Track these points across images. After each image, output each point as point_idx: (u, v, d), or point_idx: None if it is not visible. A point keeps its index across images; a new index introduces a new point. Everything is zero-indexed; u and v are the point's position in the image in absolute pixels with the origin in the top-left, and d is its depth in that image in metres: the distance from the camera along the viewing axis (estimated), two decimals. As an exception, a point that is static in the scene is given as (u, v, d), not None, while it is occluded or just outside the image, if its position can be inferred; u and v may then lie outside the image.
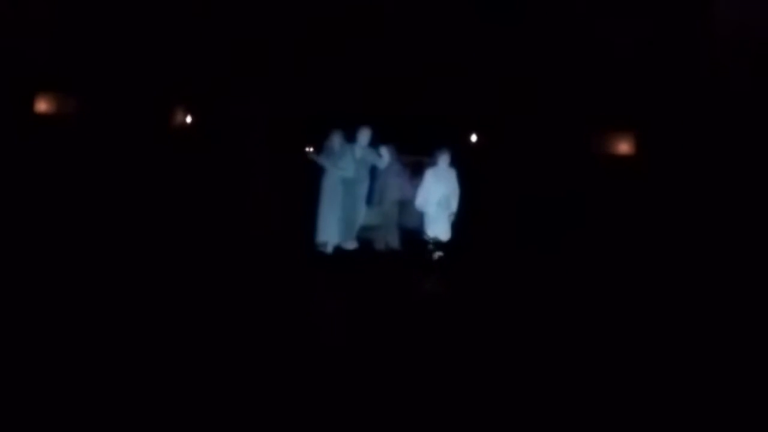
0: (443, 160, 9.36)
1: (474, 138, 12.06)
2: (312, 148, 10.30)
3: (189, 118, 11.18)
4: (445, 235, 9.25)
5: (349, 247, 9.45)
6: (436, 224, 9.26)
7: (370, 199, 9.72)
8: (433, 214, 9.26)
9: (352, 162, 9.39)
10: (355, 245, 9.49)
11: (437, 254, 9.18)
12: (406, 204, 9.66)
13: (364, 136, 9.50)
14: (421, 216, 9.39)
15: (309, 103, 10.75)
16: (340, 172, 9.34)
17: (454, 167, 9.40)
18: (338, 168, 9.33)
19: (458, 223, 9.35)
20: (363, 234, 9.65)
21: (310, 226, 9.38)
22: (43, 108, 9.57)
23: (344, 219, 9.40)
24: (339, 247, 9.39)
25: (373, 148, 9.55)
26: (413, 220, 9.63)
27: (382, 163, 9.58)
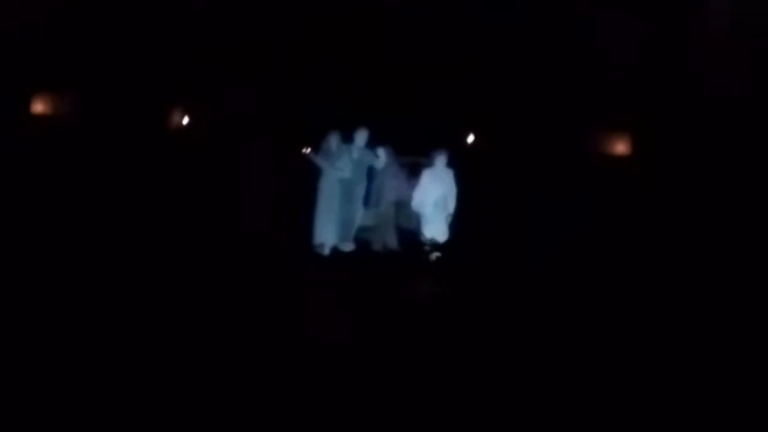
0: (440, 160, 9.37)
1: (471, 139, 12.06)
2: (309, 149, 10.29)
3: (186, 119, 11.15)
4: (442, 236, 9.26)
5: (347, 248, 9.45)
6: (433, 225, 9.27)
7: (368, 200, 9.71)
8: (430, 215, 9.27)
9: (349, 163, 9.40)
10: (352, 246, 9.49)
11: (434, 255, 9.19)
12: (404, 205, 9.66)
13: (362, 137, 9.50)
14: (418, 217, 9.39)
15: (306, 104, 10.73)
16: (337, 173, 9.34)
17: (451, 168, 9.40)
18: (335, 169, 9.33)
19: (455, 224, 9.35)
20: (360, 235, 9.65)
21: (308, 228, 9.37)
22: (39, 108, 9.55)
23: (341, 220, 9.41)
24: (336, 248, 9.39)
25: (371, 149, 9.55)
26: (410, 221, 9.63)
27: (379, 163, 9.57)
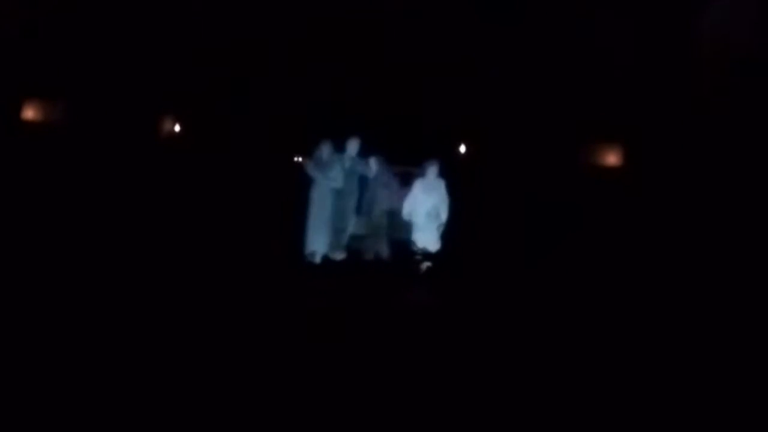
0: (432, 170, 9.36)
1: (463, 149, 12.09)
2: (301, 158, 10.28)
3: (177, 127, 11.14)
4: (433, 246, 9.25)
5: (338, 257, 9.43)
6: (424, 235, 9.26)
7: (359, 210, 9.70)
8: (422, 225, 9.26)
9: (341, 172, 9.38)
10: (344, 255, 9.47)
11: (425, 265, 9.18)
12: (395, 214, 9.65)
13: (353, 147, 9.50)
14: (410, 226, 9.38)
15: (298, 114, 10.74)
16: (329, 183, 9.32)
17: (442, 178, 9.40)
18: (327, 178, 9.32)
19: (447, 234, 9.34)
20: (352, 244, 9.63)
21: (299, 236, 9.34)
22: (30, 115, 9.52)
23: (333, 229, 9.39)
24: (327, 257, 9.36)
25: (362, 159, 9.54)
26: (402, 231, 9.62)
27: (371, 173, 9.57)
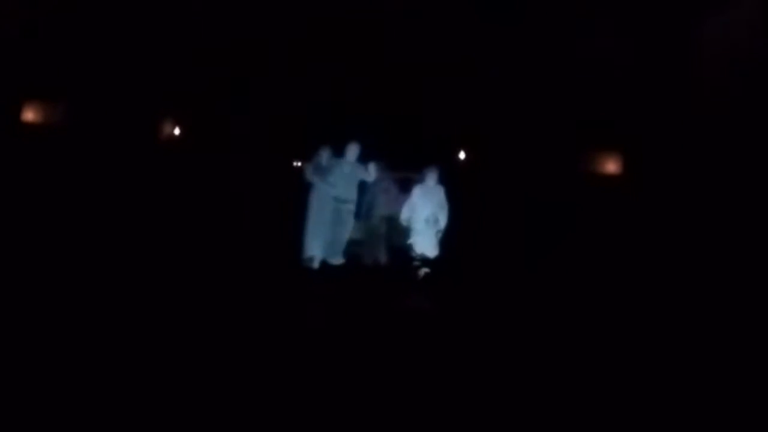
0: (431, 177, 9.37)
1: (462, 155, 12.11)
2: (300, 163, 10.29)
3: (177, 130, 11.15)
4: (432, 252, 9.26)
5: (336, 262, 9.43)
6: (423, 241, 9.27)
7: (358, 215, 9.71)
8: (421, 231, 9.27)
9: (340, 177, 9.38)
10: (342, 261, 9.47)
11: (424, 271, 9.19)
12: (394, 220, 9.66)
13: (353, 152, 9.51)
14: (408, 232, 9.39)
15: (297, 117, 10.75)
16: (328, 188, 9.32)
17: (442, 185, 9.41)
18: (327, 183, 9.32)
19: (446, 240, 9.35)
20: (350, 249, 9.63)
21: (298, 241, 9.34)
22: (30, 116, 9.52)
23: (331, 234, 9.38)
24: (326, 262, 9.37)
25: (362, 164, 9.55)
26: (401, 237, 9.63)
27: (371, 178, 9.58)
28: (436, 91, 10.45)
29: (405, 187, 9.83)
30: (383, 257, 9.83)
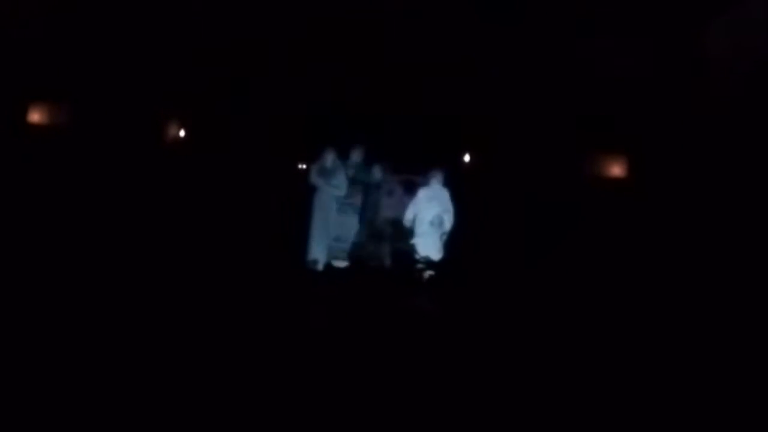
0: (436, 179, 9.36)
1: (467, 158, 12.11)
2: (305, 166, 10.29)
3: (182, 132, 11.16)
4: (436, 255, 9.24)
5: (340, 264, 9.42)
6: (427, 243, 9.26)
7: (363, 217, 9.70)
8: (425, 233, 9.25)
9: (344, 180, 9.38)
10: (346, 263, 9.46)
11: (428, 273, 9.17)
12: (398, 222, 9.65)
13: (357, 154, 9.51)
14: (413, 235, 9.37)
15: (301, 119, 10.75)
16: (332, 190, 9.32)
17: (447, 187, 9.39)
18: (331, 186, 9.32)
19: (450, 243, 9.33)
20: (354, 252, 9.62)
21: (302, 243, 9.33)
22: (36, 118, 9.55)
23: (336, 237, 9.38)
24: (330, 265, 9.35)
25: (366, 167, 9.55)
26: (405, 239, 9.61)
27: (375, 181, 9.58)
28: (437, 92, 10.44)
29: (409, 190, 9.82)
30: (387, 260, 9.82)
